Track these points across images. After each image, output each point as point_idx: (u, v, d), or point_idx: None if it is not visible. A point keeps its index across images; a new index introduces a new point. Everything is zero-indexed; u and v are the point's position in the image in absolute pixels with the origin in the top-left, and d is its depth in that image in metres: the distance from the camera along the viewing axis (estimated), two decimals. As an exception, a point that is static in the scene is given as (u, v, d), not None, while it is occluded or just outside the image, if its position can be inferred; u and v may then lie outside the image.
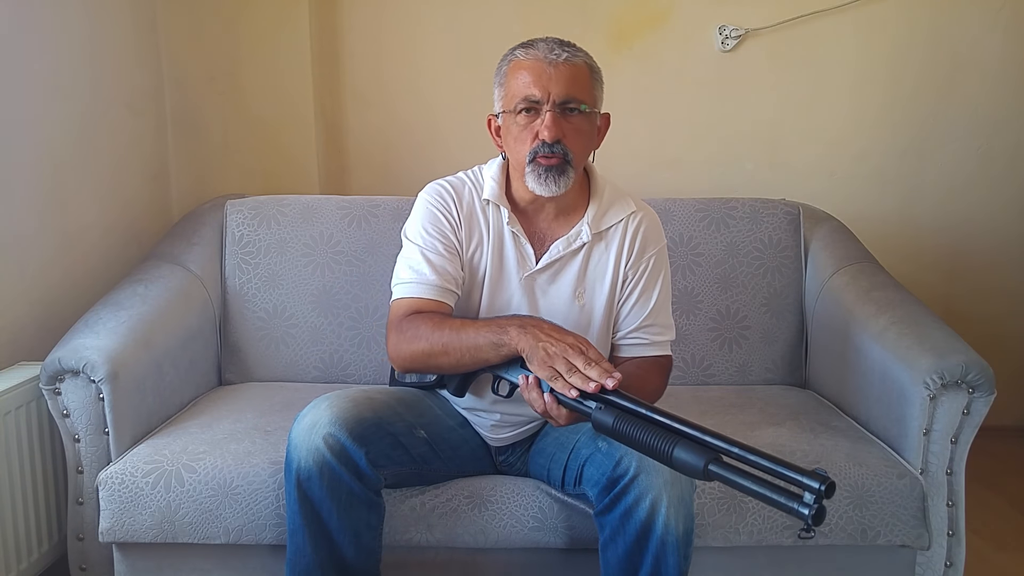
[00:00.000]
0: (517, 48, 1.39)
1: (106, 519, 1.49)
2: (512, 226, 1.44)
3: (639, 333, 1.49)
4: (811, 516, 0.93)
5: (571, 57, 1.35)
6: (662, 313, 1.50)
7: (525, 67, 1.36)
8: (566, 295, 1.45)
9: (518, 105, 1.36)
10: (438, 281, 1.40)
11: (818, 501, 0.93)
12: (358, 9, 2.47)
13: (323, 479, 1.30)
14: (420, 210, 1.47)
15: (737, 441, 1.02)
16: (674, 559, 1.25)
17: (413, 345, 1.35)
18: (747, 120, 2.54)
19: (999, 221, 2.61)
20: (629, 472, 1.25)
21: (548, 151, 1.34)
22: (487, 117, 1.47)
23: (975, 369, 1.54)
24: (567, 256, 1.45)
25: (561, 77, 1.33)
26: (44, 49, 1.82)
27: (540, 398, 1.24)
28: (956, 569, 1.60)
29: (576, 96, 1.35)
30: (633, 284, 1.48)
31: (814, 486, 0.93)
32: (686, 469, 1.05)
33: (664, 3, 2.47)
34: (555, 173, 1.35)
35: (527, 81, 1.34)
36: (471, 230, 1.46)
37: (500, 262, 1.45)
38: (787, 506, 0.95)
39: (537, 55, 1.35)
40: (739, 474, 1.00)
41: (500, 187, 1.46)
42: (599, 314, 1.47)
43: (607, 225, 1.46)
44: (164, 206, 2.37)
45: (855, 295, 1.88)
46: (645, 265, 1.48)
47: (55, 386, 1.55)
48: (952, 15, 2.49)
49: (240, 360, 2.01)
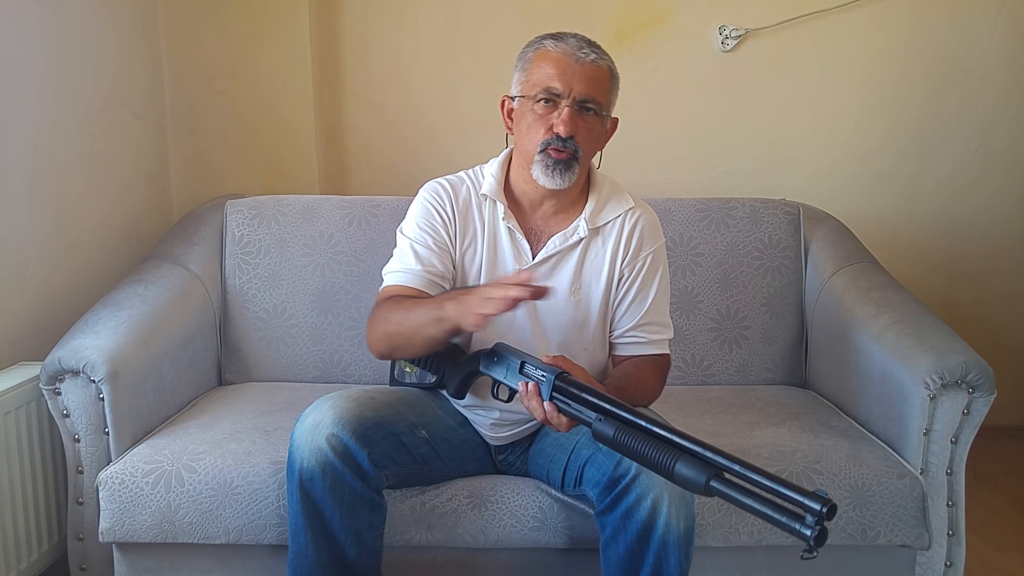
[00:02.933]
0: (547, 38, 1.41)
1: (106, 519, 1.49)
2: (508, 221, 1.46)
3: (636, 332, 1.49)
4: (813, 538, 0.93)
5: (598, 59, 1.38)
6: (659, 312, 1.50)
7: (552, 59, 1.37)
8: (563, 290, 1.46)
9: (538, 94, 1.37)
10: (421, 271, 1.42)
11: (819, 523, 0.93)
12: (358, 9, 2.47)
13: (326, 479, 1.30)
14: (415, 206, 1.50)
15: (739, 459, 1.02)
16: (675, 558, 1.25)
17: (377, 327, 1.39)
18: (747, 120, 2.54)
19: (999, 221, 2.61)
20: (630, 472, 1.25)
21: (561, 145, 1.36)
22: (502, 98, 1.47)
23: (975, 369, 1.54)
24: (564, 251, 1.46)
25: (585, 76, 1.36)
26: (44, 49, 1.82)
27: (540, 406, 1.24)
28: (956, 569, 1.60)
29: (595, 97, 1.38)
30: (630, 282, 1.48)
31: (815, 508, 0.93)
32: (687, 484, 1.05)
33: (664, 3, 2.47)
34: (562, 167, 1.38)
35: (551, 73, 1.36)
36: (465, 226, 1.47)
37: (495, 257, 1.47)
38: (789, 526, 0.95)
39: (566, 49, 1.37)
40: (741, 491, 1.00)
41: (499, 183, 1.47)
42: (595, 309, 1.47)
43: (604, 221, 1.47)
44: (164, 206, 2.37)
45: (855, 295, 1.88)
46: (642, 263, 1.48)
47: (55, 386, 1.55)
48: (951, 16, 2.49)
49: (240, 360, 2.01)
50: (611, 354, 1.53)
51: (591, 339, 1.48)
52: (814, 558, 0.95)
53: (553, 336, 1.47)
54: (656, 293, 1.49)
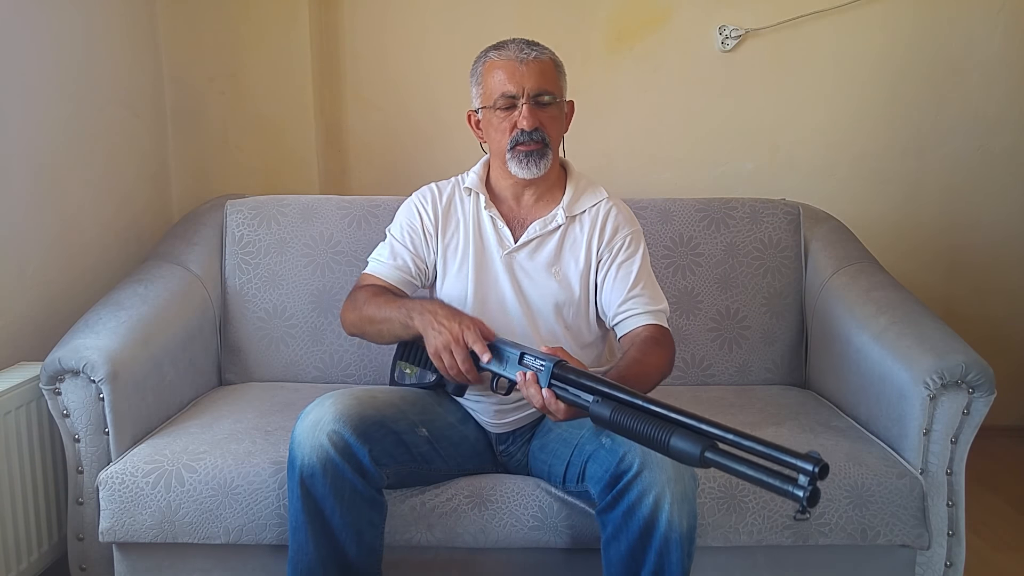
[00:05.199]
0: (489, 50, 1.53)
1: (106, 519, 1.49)
2: (489, 210, 1.57)
3: (629, 303, 1.52)
4: (806, 497, 0.95)
5: (539, 55, 1.50)
6: (647, 284, 1.55)
7: (499, 66, 1.50)
8: (543, 271, 1.55)
9: (496, 101, 1.49)
10: (395, 265, 1.58)
11: (812, 483, 0.95)
12: (358, 9, 2.47)
13: (327, 476, 1.30)
14: (403, 207, 1.65)
15: (732, 428, 1.04)
16: (677, 556, 1.25)
17: (351, 312, 1.54)
18: (747, 120, 2.54)
19: (999, 221, 2.62)
20: (632, 468, 1.26)
21: (528, 139, 1.48)
22: (467, 113, 1.60)
23: (975, 369, 1.54)
24: (544, 236, 1.56)
25: (532, 73, 1.48)
26: (44, 49, 1.82)
27: (538, 393, 1.25)
28: (956, 569, 1.60)
29: (547, 88, 1.49)
30: (610, 261, 1.55)
31: (808, 468, 0.95)
32: (683, 457, 1.07)
33: (664, 3, 2.48)
34: (536, 156, 1.49)
35: (502, 79, 1.49)
36: (448, 220, 1.60)
37: (480, 243, 1.57)
38: (783, 489, 0.97)
39: (509, 55, 1.49)
40: (735, 460, 1.01)
41: (481, 179, 1.60)
42: (575, 286, 1.55)
43: (580, 209, 1.57)
44: (164, 206, 2.37)
45: (855, 295, 1.88)
46: (621, 243, 1.56)
47: (55, 386, 1.55)
48: (951, 16, 2.49)
49: (240, 360, 2.01)
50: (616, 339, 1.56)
51: (573, 311, 1.55)
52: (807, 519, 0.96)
53: (538, 311, 1.53)
54: (640, 267, 1.55)
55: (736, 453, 1.02)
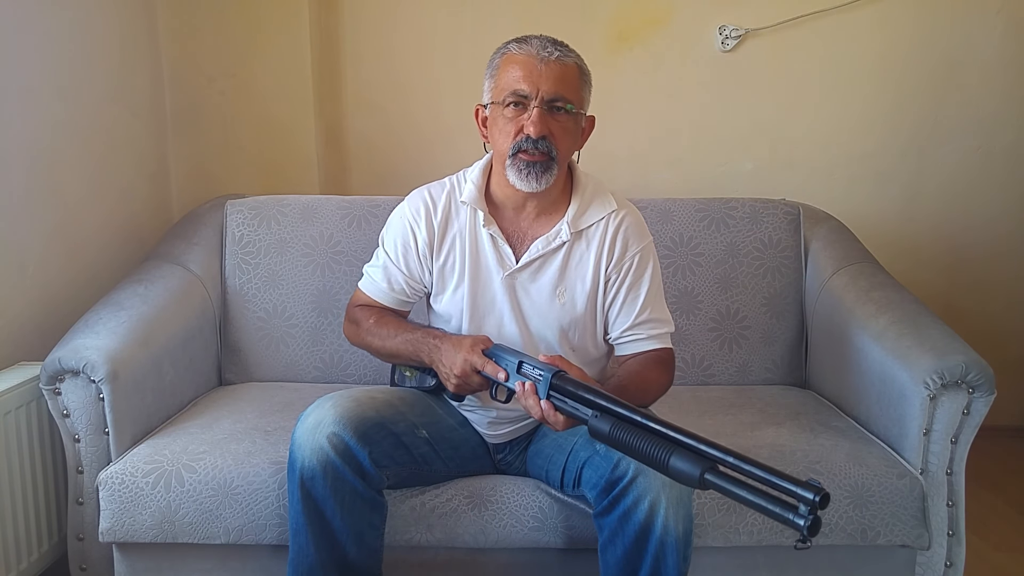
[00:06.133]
0: (511, 42, 1.41)
1: (106, 519, 1.49)
2: (489, 228, 1.45)
3: (634, 330, 1.48)
4: (806, 527, 0.93)
5: (563, 56, 1.37)
6: (654, 308, 1.49)
7: (517, 61, 1.37)
8: (547, 293, 1.46)
9: (506, 98, 1.37)
10: (391, 288, 1.53)
11: (812, 512, 0.93)
12: (358, 9, 2.47)
13: (327, 478, 1.30)
14: (395, 220, 1.54)
15: (733, 451, 1.02)
16: (673, 559, 1.25)
17: (354, 336, 1.56)
18: (747, 120, 2.54)
19: (999, 221, 2.62)
20: (628, 474, 1.25)
21: (532, 147, 1.35)
22: (475, 107, 1.48)
23: (975, 369, 1.54)
24: (547, 255, 1.46)
25: (551, 75, 1.35)
26: (43, 49, 1.82)
27: (537, 404, 1.24)
28: (956, 569, 1.60)
29: (564, 95, 1.36)
30: (618, 284, 1.47)
31: (808, 497, 0.93)
32: (682, 478, 1.05)
33: (664, 3, 2.47)
34: (538, 169, 1.37)
35: (518, 76, 1.36)
36: (444, 238, 1.49)
37: (477, 263, 1.47)
38: (782, 516, 0.95)
39: (530, 51, 1.37)
40: (735, 483, 1.00)
41: (479, 190, 1.47)
42: (580, 311, 1.47)
43: (587, 224, 1.46)
44: (164, 206, 2.37)
45: (855, 295, 1.88)
46: (629, 264, 1.47)
47: (55, 386, 1.55)
48: (951, 16, 2.49)
49: (240, 360, 2.01)
50: (613, 355, 1.53)
51: (577, 339, 1.48)
52: (808, 548, 0.95)
53: (540, 337, 1.47)
54: (648, 291, 1.48)
55: (736, 476, 1.01)
